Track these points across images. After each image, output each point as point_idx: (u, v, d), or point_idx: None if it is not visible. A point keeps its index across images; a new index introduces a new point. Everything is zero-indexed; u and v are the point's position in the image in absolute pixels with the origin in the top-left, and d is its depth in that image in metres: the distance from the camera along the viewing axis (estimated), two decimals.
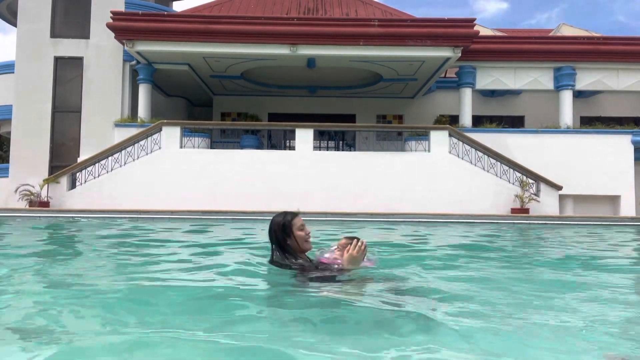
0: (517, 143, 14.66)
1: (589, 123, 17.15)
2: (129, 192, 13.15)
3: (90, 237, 6.89)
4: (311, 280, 2.77)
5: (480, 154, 13.86)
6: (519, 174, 13.70)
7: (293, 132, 14.14)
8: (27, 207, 12.81)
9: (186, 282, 3.06)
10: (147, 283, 2.94)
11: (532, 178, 13.70)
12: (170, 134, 13.73)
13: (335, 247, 3.12)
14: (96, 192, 13.21)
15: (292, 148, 14.51)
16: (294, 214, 3.09)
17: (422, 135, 14.10)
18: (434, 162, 13.70)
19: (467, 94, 15.49)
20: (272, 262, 3.04)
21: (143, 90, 15.60)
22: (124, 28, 14.15)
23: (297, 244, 3.01)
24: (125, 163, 13.64)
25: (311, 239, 3.11)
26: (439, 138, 13.80)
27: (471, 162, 13.78)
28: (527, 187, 13.40)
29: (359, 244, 2.90)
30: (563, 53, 15.24)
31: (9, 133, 16.64)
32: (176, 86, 18.51)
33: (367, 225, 10.00)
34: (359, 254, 2.88)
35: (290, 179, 13.47)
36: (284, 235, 3.00)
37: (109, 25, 14.22)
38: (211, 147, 14.63)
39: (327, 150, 17.22)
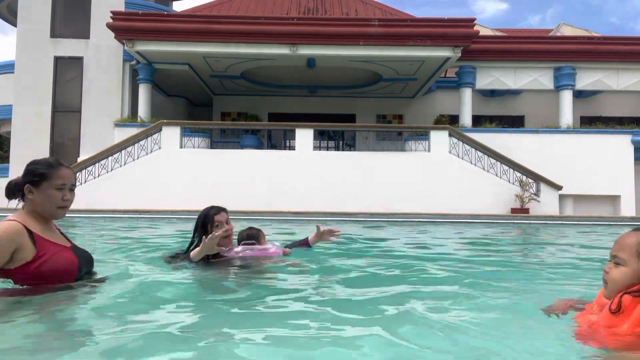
0: (517, 143, 14.66)
1: (589, 123, 17.16)
2: (129, 192, 13.15)
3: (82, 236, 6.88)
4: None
5: (480, 153, 13.87)
6: (519, 174, 13.70)
7: (293, 132, 14.14)
8: None
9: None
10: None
11: (532, 178, 13.70)
12: (170, 134, 13.73)
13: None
14: (96, 191, 13.21)
15: (292, 148, 14.51)
16: (219, 210, 3.25)
17: (422, 135, 14.10)
18: (434, 162, 13.71)
19: (467, 93, 15.50)
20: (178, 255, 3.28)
21: (143, 90, 15.60)
22: (124, 28, 14.15)
23: None
24: (125, 163, 13.64)
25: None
26: (439, 138, 13.80)
27: (471, 162, 13.78)
28: (527, 187, 13.40)
29: (216, 233, 3.04)
30: (563, 53, 15.24)
31: (9, 133, 16.66)
32: (176, 86, 18.51)
33: (366, 224, 10.00)
34: (210, 240, 3.00)
35: (290, 178, 13.47)
36: (202, 227, 3.19)
37: (109, 25, 14.22)
38: (211, 147, 14.64)
39: (327, 150, 17.24)
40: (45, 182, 2.32)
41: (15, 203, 2.33)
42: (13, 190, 2.39)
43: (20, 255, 2.19)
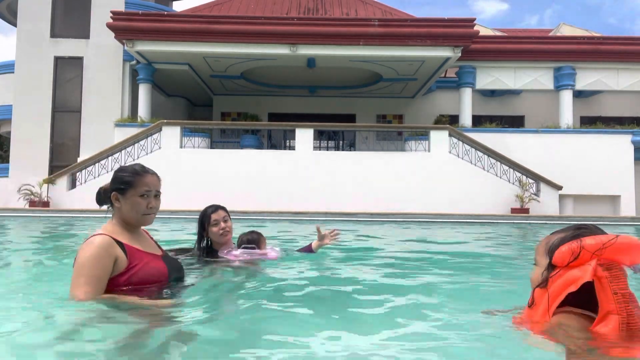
0: (517, 143, 14.66)
1: (589, 123, 17.15)
2: None
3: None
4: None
5: (480, 154, 13.87)
6: (519, 174, 13.70)
7: (293, 132, 14.14)
8: (27, 207, 12.81)
9: None
10: None
11: (532, 178, 13.70)
12: (170, 134, 13.73)
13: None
14: (96, 192, 13.18)
15: (292, 148, 14.51)
16: (216, 208, 3.38)
17: (422, 135, 14.10)
18: (434, 162, 13.71)
19: (467, 93, 15.50)
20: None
21: (143, 90, 15.60)
22: (124, 28, 14.15)
23: (210, 236, 3.37)
24: (125, 163, 13.63)
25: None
26: (439, 138, 13.80)
27: (471, 162, 13.78)
28: (527, 187, 13.40)
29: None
30: (563, 53, 15.24)
31: (9, 133, 16.65)
32: (176, 86, 18.51)
33: (366, 224, 10.00)
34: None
35: (290, 178, 13.47)
36: (201, 226, 3.37)
37: (109, 25, 14.22)
38: (211, 147, 14.64)
39: (327, 150, 17.22)
40: (131, 190, 2.31)
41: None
42: (102, 198, 2.41)
43: (115, 267, 2.20)
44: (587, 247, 1.56)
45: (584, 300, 1.59)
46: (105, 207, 2.41)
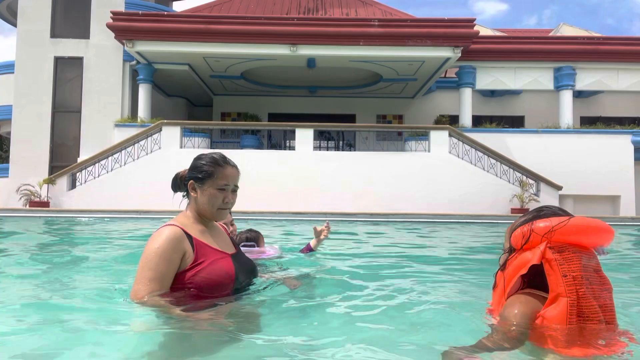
0: (517, 143, 14.66)
1: (589, 123, 17.14)
2: (129, 192, 13.14)
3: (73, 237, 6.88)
4: None
5: (480, 154, 13.87)
6: (519, 174, 13.70)
7: (293, 132, 14.15)
8: (27, 207, 12.81)
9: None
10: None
11: (532, 178, 13.70)
12: (170, 134, 13.73)
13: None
14: (96, 192, 13.21)
15: (292, 148, 14.51)
16: None
17: (422, 135, 14.10)
18: (434, 162, 13.70)
19: (467, 94, 15.49)
20: None
21: (143, 90, 15.60)
22: (124, 28, 14.15)
23: None
24: (125, 163, 13.64)
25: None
26: (439, 138, 13.80)
27: (471, 162, 13.78)
28: (527, 187, 13.40)
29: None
30: (563, 53, 15.24)
31: (9, 133, 16.65)
32: (176, 86, 18.51)
33: (366, 224, 10.00)
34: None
35: (290, 179, 13.47)
36: None
37: (109, 25, 14.22)
38: (211, 147, 14.63)
39: (327, 150, 17.23)
40: (209, 181, 2.16)
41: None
42: (178, 184, 2.28)
43: (182, 263, 2.04)
44: (537, 230, 1.57)
45: (546, 282, 1.58)
46: (180, 194, 2.30)
